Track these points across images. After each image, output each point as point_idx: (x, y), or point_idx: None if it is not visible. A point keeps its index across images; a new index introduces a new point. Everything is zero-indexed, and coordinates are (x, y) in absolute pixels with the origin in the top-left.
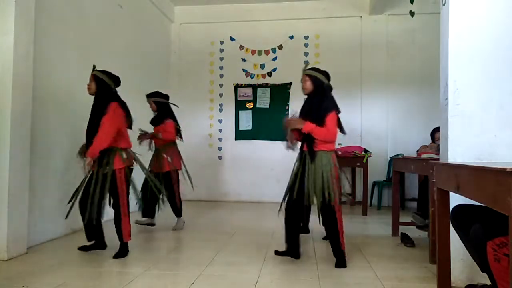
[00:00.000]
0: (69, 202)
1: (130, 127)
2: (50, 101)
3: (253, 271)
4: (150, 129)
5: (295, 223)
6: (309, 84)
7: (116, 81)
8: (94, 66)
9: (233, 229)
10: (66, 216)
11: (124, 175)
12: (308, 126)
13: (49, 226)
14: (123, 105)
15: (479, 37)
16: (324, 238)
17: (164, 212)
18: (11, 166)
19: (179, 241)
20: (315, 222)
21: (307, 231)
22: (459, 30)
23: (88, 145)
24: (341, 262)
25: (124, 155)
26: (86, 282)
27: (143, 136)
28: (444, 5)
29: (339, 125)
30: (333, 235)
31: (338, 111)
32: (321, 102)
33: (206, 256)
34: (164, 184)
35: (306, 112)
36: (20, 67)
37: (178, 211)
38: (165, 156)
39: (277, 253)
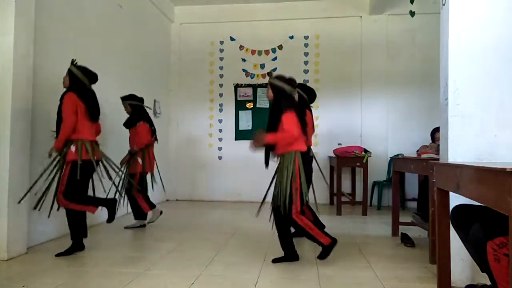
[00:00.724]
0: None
1: (92, 119)
2: (50, 101)
3: (253, 271)
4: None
5: (284, 226)
6: (270, 93)
7: (92, 77)
8: (73, 60)
9: (233, 229)
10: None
11: (70, 167)
12: (269, 138)
13: (49, 226)
14: (82, 96)
15: (479, 37)
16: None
17: (164, 212)
18: (11, 166)
19: (179, 241)
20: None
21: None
22: (459, 30)
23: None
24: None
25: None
26: (86, 282)
27: (123, 160)
28: (444, 5)
29: (301, 122)
30: (305, 235)
31: (295, 109)
32: (277, 105)
33: (206, 256)
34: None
35: (269, 119)
36: (20, 67)
37: (136, 213)
38: (138, 159)
39: (275, 260)
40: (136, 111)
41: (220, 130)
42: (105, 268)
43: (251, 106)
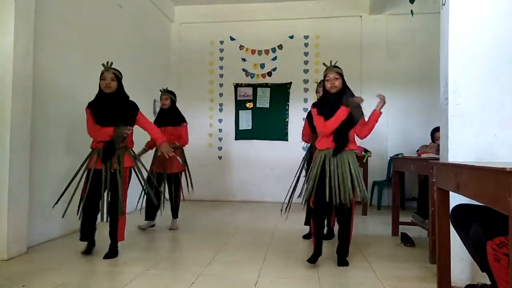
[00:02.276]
0: (59, 199)
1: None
2: (50, 101)
3: (253, 271)
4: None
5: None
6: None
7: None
8: (111, 63)
9: (233, 229)
10: (63, 215)
11: (129, 174)
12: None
13: (49, 226)
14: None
15: (479, 36)
16: (304, 237)
17: (164, 212)
18: (11, 166)
19: (179, 241)
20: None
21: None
22: (459, 30)
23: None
24: (344, 260)
25: (132, 154)
26: (86, 282)
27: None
28: (444, 4)
29: None
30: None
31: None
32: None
33: (206, 256)
34: (174, 185)
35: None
36: (20, 67)
37: (177, 212)
38: (177, 157)
39: (311, 260)
40: (176, 109)
41: (220, 130)
42: (105, 268)
43: (251, 106)
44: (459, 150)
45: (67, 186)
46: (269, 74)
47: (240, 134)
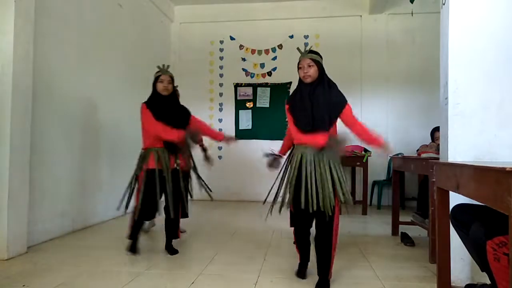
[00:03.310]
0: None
1: None
2: (50, 101)
3: (253, 271)
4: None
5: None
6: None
7: None
8: (168, 66)
9: (233, 229)
10: (120, 208)
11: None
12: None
13: (49, 226)
14: None
15: (479, 36)
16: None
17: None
18: (11, 166)
19: (179, 241)
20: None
21: None
22: (459, 30)
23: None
24: (324, 282)
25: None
26: (86, 282)
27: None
28: (444, 4)
29: None
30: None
31: None
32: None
33: (206, 256)
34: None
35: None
36: (20, 67)
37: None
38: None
39: (299, 274)
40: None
41: (220, 130)
42: (105, 268)
43: (251, 105)
44: (459, 150)
45: (129, 188)
46: (269, 73)
47: (240, 134)
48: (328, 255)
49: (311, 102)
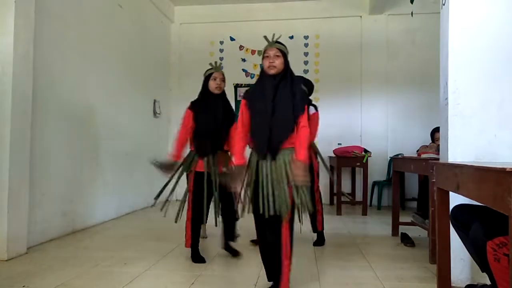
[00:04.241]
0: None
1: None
2: (50, 101)
3: (253, 271)
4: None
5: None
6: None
7: None
8: (220, 64)
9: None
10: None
11: None
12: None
13: (49, 226)
14: None
15: (479, 36)
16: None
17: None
18: (11, 166)
19: (179, 241)
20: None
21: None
22: (459, 30)
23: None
24: None
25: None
26: (86, 282)
27: None
28: (444, 5)
29: None
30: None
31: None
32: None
33: (206, 256)
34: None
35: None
36: (20, 67)
37: None
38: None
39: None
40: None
41: None
42: (105, 268)
43: None
44: (459, 150)
45: (171, 190)
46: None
47: None
48: (278, 263)
49: (274, 97)
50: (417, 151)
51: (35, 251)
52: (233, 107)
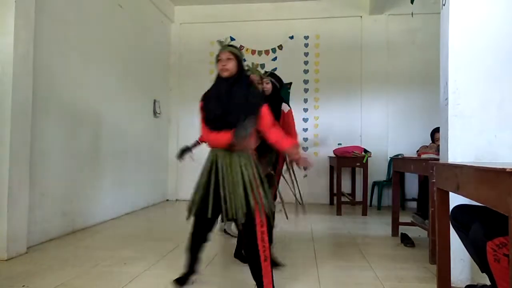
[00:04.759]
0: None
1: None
2: (50, 101)
3: None
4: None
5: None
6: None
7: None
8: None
9: (233, 229)
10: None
11: None
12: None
13: (49, 226)
14: None
15: (479, 37)
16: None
17: (164, 212)
18: (11, 166)
19: (179, 241)
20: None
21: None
22: (459, 30)
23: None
24: None
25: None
26: (86, 282)
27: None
28: (444, 5)
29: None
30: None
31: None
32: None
33: (206, 256)
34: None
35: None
36: (20, 67)
37: None
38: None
39: (178, 280)
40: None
41: None
42: (105, 268)
43: None
44: (459, 150)
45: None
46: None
47: None
48: (257, 267)
49: (228, 99)
50: (417, 151)
51: (35, 251)
52: None
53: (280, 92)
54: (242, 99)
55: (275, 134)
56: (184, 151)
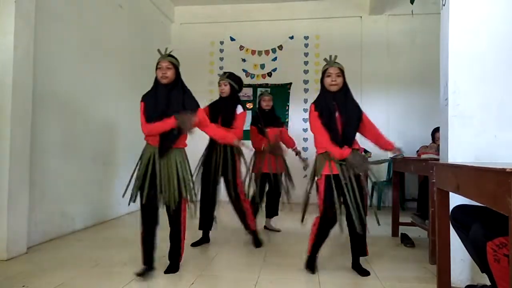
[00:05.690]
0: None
1: None
2: (50, 101)
3: (253, 271)
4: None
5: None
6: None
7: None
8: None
9: (233, 229)
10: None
11: None
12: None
13: (49, 226)
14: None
15: (479, 37)
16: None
17: (164, 212)
18: (11, 166)
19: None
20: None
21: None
22: (459, 31)
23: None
24: (173, 266)
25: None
26: (86, 282)
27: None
28: (444, 5)
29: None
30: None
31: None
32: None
33: (206, 256)
34: (279, 185)
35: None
36: (20, 67)
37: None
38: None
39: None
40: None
41: None
42: (105, 268)
43: (251, 106)
44: (459, 150)
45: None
46: (269, 74)
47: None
48: (178, 243)
49: (166, 103)
50: (417, 151)
51: (35, 251)
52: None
53: (237, 94)
54: (179, 103)
55: (212, 130)
56: None
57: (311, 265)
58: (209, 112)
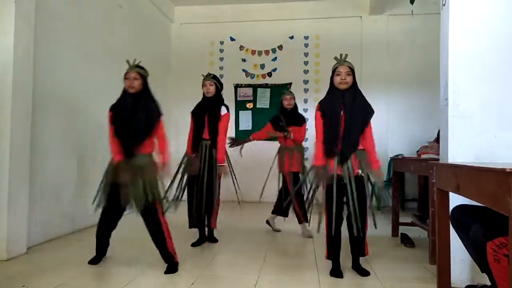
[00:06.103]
0: None
1: None
2: (50, 101)
3: (253, 271)
4: None
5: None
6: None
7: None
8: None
9: (233, 229)
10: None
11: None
12: None
13: (49, 226)
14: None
15: (479, 37)
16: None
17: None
18: (11, 166)
19: (178, 241)
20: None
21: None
22: (459, 31)
23: None
24: (171, 267)
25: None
26: (86, 282)
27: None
28: (444, 5)
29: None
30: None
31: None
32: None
33: (206, 256)
34: (295, 185)
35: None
36: (20, 67)
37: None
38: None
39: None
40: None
41: None
42: (105, 268)
43: (251, 106)
44: (459, 150)
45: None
46: (269, 74)
47: (240, 135)
48: (163, 242)
49: (133, 111)
50: (417, 151)
51: (35, 251)
52: (233, 108)
53: (221, 94)
54: (144, 112)
55: (161, 145)
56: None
57: (334, 272)
58: (194, 114)
